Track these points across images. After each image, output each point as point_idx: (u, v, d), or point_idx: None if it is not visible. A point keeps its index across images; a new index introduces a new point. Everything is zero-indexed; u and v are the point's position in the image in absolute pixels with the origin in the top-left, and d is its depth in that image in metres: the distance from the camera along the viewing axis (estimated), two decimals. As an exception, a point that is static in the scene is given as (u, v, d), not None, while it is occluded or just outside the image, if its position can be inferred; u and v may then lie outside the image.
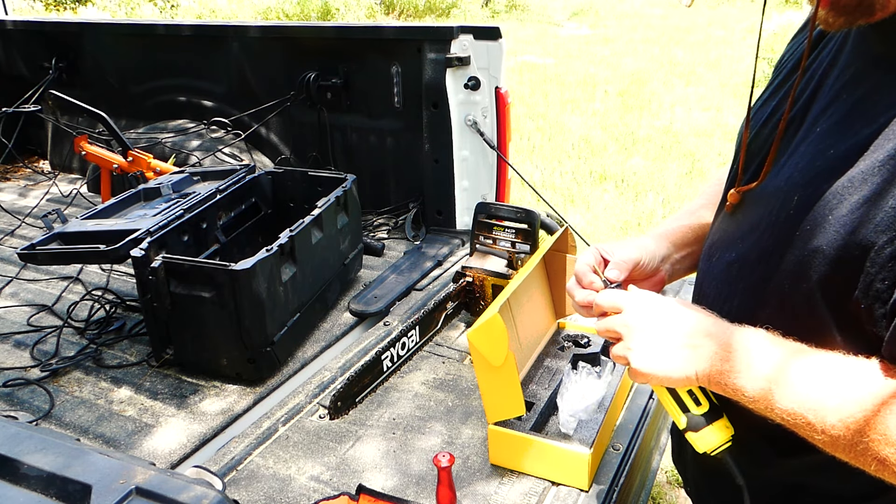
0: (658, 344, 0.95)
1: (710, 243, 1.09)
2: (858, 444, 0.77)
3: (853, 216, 0.77)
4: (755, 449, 1.01)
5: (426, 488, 1.54)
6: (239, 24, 3.65)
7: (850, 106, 0.84)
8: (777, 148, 0.94)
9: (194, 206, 2.24)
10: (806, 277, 0.84)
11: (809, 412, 0.81)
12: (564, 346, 1.90)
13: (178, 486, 0.81)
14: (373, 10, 15.87)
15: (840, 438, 0.78)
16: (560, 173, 6.32)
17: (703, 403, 0.98)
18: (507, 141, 2.89)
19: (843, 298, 0.81)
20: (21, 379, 2.01)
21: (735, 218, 1.01)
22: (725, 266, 1.01)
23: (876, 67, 0.82)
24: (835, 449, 0.80)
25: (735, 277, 0.99)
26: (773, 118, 0.98)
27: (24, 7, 13.51)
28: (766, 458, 1.01)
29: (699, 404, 0.98)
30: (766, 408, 0.86)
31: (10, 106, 3.39)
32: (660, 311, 0.98)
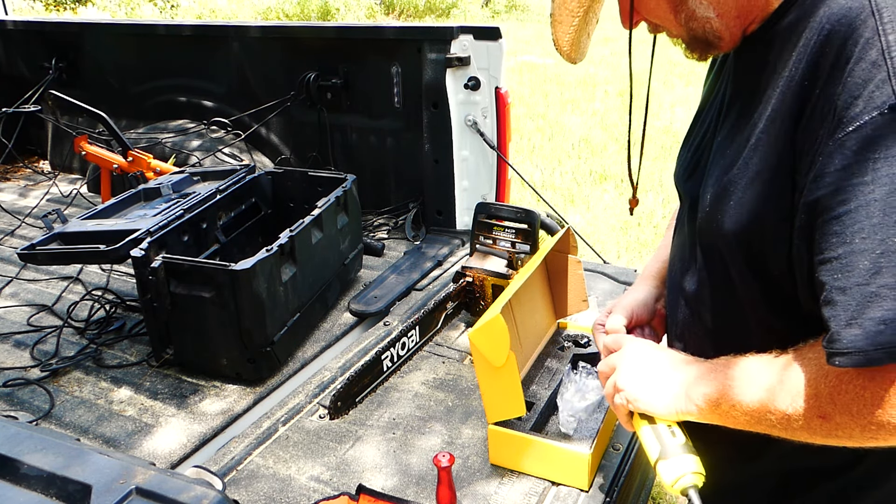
0: (646, 381, 1.09)
1: (669, 261, 1.26)
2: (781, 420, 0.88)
3: (745, 195, 0.92)
4: (742, 445, 1.06)
5: (426, 488, 1.54)
6: (239, 24, 3.65)
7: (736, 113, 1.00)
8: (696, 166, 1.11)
9: (194, 206, 2.24)
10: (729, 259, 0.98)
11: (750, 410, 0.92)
12: (564, 346, 1.90)
13: (178, 486, 0.81)
14: (373, 10, 15.88)
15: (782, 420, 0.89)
16: (560, 173, 6.32)
17: (677, 437, 1.06)
18: (507, 141, 2.89)
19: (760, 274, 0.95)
20: (21, 379, 2.01)
21: (679, 232, 1.19)
22: (675, 276, 1.19)
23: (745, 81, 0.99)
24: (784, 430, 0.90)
25: (678, 283, 1.16)
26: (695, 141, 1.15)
27: (24, 7, 13.51)
28: (754, 451, 1.06)
29: (675, 436, 1.06)
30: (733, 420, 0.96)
31: (10, 106, 3.39)
32: (645, 354, 1.13)
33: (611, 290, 2.41)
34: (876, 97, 0.75)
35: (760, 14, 0.94)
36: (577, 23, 1.05)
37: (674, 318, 1.22)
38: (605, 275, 2.51)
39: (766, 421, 0.90)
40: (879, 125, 0.75)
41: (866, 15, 0.78)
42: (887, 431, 0.79)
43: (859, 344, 0.76)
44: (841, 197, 0.78)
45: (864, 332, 0.76)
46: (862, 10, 0.79)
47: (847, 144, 0.77)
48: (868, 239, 0.76)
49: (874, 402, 0.78)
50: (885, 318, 0.75)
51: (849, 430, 0.82)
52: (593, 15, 1.10)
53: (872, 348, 0.75)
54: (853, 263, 0.77)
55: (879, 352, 0.75)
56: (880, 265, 0.75)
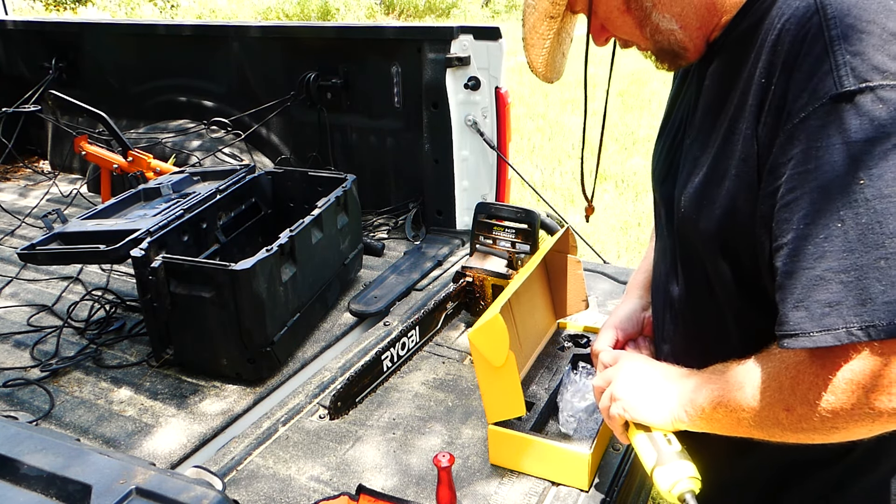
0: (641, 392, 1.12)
1: (653, 267, 1.30)
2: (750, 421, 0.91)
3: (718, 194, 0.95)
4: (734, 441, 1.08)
5: (426, 488, 1.54)
6: (239, 24, 3.65)
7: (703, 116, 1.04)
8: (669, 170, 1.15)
9: (194, 206, 2.24)
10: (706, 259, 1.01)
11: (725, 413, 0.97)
12: (564, 346, 1.90)
13: (178, 487, 0.81)
14: (373, 10, 15.88)
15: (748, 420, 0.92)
16: (560, 173, 6.32)
17: (673, 444, 1.07)
18: (507, 141, 2.89)
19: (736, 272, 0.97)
20: (21, 379, 2.01)
21: (659, 236, 1.24)
22: (659, 280, 1.23)
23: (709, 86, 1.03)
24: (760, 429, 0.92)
25: (662, 287, 1.19)
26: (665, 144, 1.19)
27: (24, 7, 13.51)
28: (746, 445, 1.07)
29: (671, 444, 1.08)
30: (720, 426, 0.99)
31: (10, 106, 3.39)
32: (640, 368, 1.16)
33: (611, 290, 2.41)
34: (819, 89, 0.78)
35: (720, 23, 0.99)
36: (548, 45, 1.10)
37: (660, 322, 1.25)
38: (605, 275, 2.51)
39: (744, 422, 0.93)
40: (822, 115, 0.78)
41: (811, 13, 0.82)
42: (844, 419, 0.80)
43: (805, 326, 0.79)
44: (790, 185, 0.81)
45: (810, 315, 0.78)
46: (808, 9, 0.82)
47: (795, 135, 0.80)
48: (812, 224, 0.78)
49: (828, 388, 0.80)
50: (830, 301, 0.77)
51: (811, 422, 0.83)
52: (566, 35, 1.17)
53: (818, 330, 0.78)
54: (800, 248, 0.80)
55: (825, 334, 0.77)
56: (824, 249, 0.77)
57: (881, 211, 0.74)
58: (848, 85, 0.76)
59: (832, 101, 0.77)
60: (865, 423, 0.80)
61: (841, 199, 0.76)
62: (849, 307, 0.76)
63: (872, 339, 0.75)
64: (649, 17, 1.00)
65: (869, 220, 0.75)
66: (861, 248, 0.75)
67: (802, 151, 0.79)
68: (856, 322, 0.75)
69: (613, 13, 1.04)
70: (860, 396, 0.78)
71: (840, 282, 0.76)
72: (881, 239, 0.74)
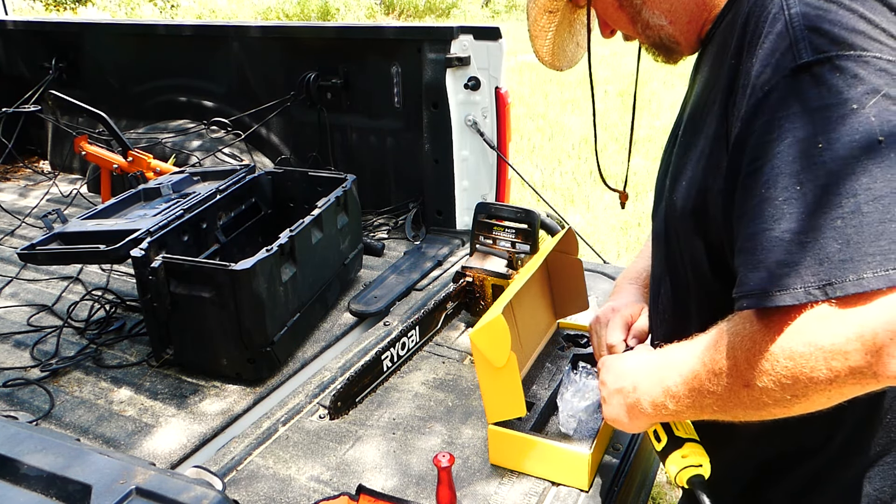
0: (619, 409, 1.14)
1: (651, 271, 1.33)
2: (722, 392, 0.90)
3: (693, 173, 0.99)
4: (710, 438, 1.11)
5: (426, 488, 1.54)
6: (239, 24, 3.65)
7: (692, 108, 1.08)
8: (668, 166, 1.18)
9: (194, 207, 2.24)
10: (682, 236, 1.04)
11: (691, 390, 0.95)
12: (564, 346, 1.90)
13: (178, 487, 0.81)
14: (373, 10, 15.88)
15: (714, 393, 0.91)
16: (560, 173, 6.32)
17: (662, 440, 1.10)
18: (507, 141, 2.89)
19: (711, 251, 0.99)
20: (21, 379, 2.01)
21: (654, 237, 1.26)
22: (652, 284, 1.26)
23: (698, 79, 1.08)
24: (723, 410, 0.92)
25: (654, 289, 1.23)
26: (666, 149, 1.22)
27: (24, 7, 13.51)
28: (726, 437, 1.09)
29: (659, 441, 1.10)
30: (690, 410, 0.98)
31: (10, 106, 3.39)
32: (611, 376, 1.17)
33: (611, 290, 2.40)
34: (781, 63, 0.81)
35: (709, 17, 1.03)
36: (551, 36, 1.17)
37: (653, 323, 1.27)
38: (605, 275, 2.51)
39: (707, 409, 0.93)
40: (783, 87, 0.81)
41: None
42: (803, 385, 0.79)
43: (764, 285, 0.80)
44: (753, 155, 0.83)
45: (769, 275, 0.79)
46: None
47: (759, 108, 0.83)
48: (772, 188, 0.80)
49: (784, 353, 0.80)
50: (788, 262, 0.78)
51: (773, 394, 0.83)
52: (580, 26, 1.23)
53: (776, 289, 0.79)
54: (760, 212, 0.81)
55: (784, 294, 0.78)
56: (783, 211, 0.79)
57: (837, 173, 0.76)
58: (806, 57, 0.79)
59: (792, 73, 0.80)
60: (824, 388, 0.79)
61: (800, 163, 0.78)
62: (807, 267, 0.77)
63: (829, 297, 0.75)
64: (640, 14, 1.06)
65: (826, 182, 0.76)
66: (818, 210, 0.76)
67: (765, 122, 0.82)
68: (813, 281, 0.76)
69: (609, 9, 1.11)
70: (818, 358, 0.77)
71: (798, 242, 0.77)
72: (838, 199, 0.75)
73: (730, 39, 0.95)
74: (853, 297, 0.75)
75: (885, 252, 0.73)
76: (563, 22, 1.19)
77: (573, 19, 1.21)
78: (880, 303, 0.74)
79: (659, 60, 1.14)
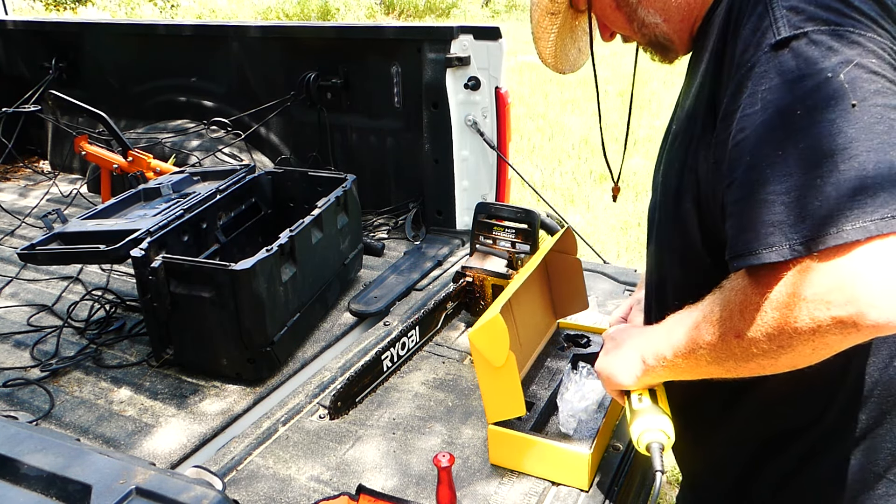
0: (611, 360, 1.21)
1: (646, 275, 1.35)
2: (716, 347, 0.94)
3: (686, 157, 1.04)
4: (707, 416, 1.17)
5: (426, 488, 1.54)
6: (239, 24, 3.65)
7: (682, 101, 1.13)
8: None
9: (194, 206, 2.24)
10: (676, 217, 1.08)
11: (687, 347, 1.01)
12: (564, 346, 1.90)
13: (178, 486, 0.81)
14: (373, 10, 15.88)
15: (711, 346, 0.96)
16: (560, 173, 6.32)
17: (643, 401, 1.16)
18: (507, 141, 2.89)
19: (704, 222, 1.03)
20: (21, 379, 2.01)
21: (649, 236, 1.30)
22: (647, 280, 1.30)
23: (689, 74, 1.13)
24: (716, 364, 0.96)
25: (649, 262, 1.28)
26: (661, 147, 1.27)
27: (24, 7, 13.51)
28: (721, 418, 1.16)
29: (641, 401, 1.16)
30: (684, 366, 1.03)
31: (10, 106, 3.39)
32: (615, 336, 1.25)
33: (611, 290, 2.41)
34: (762, 41, 0.87)
35: (699, 15, 1.08)
36: (553, 38, 1.22)
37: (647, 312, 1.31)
38: (605, 275, 2.51)
39: (701, 360, 0.98)
40: (764, 62, 0.86)
41: None
42: (788, 335, 0.84)
43: (752, 245, 0.85)
44: (739, 126, 0.88)
45: (756, 235, 0.84)
46: None
47: (743, 83, 0.89)
48: (756, 155, 0.86)
49: (773, 306, 0.84)
50: (773, 221, 0.83)
51: (760, 344, 0.87)
52: (582, 31, 1.29)
53: (762, 248, 0.83)
54: (745, 178, 0.87)
55: (770, 252, 0.83)
56: (766, 175, 0.84)
57: (816, 135, 0.81)
58: (785, 33, 0.85)
59: (772, 49, 0.86)
60: (808, 339, 0.83)
61: (781, 130, 0.83)
62: (790, 225, 0.81)
63: (812, 251, 0.80)
64: (636, 13, 1.11)
65: (806, 145, 0.81)
66: (799, 171, 0.81)
67: (749, 95, 0.87)
68: (797, 238, 0.81)
69: (606, 10, 1.16)
70: (801, 308, 0.81)
71: (782, 203, 0.82)
72: (817, 161, 0.80)
73: (714, 31, 1.00)
74: (833, 250, 0.79)
75: (863, 206, 0.77)
76: (564, 26, 1.24)
77: (574, 25, 1.26)
78: (858, 252, 0.77)
79: (656, 60, 1.20)
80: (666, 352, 1.04)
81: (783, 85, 0.84)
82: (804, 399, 1.05)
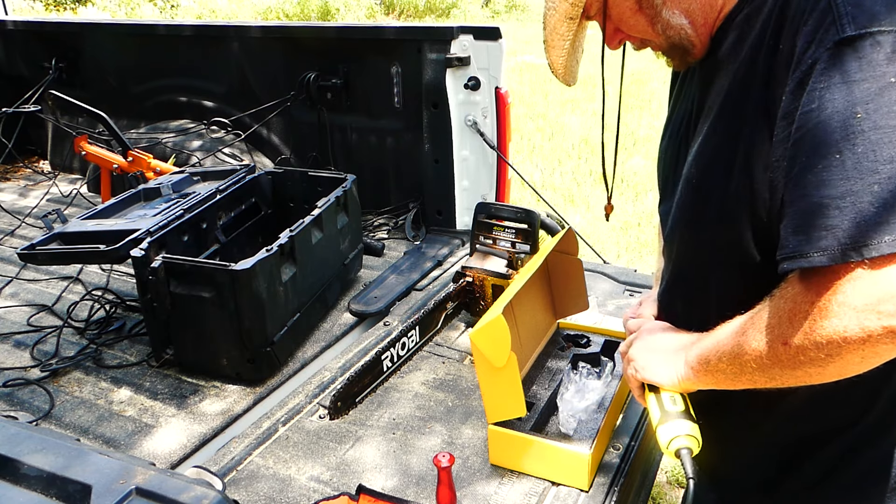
0: (652, 353, 1.19)
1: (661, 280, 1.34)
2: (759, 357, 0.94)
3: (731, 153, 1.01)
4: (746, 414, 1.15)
5: (426, 488, 1.54)
6: (239, 24, 3.65)
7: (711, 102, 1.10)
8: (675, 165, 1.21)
9: (194, 207, 2.24)
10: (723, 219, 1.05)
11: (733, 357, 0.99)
12: (564, 346, 1.90)
13: (178, 487, 0.81)
14: (373, 10, 15.87)
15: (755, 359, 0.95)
16: (560, 173, 6.32)
17: (678, 404, 1.13)
18: (507, 141, 2.89)
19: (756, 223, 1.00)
20: (21, 379, 2.01)
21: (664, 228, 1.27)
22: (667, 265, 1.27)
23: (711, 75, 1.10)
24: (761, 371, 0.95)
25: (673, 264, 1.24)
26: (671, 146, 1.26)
27: (24, 7, 13.51)
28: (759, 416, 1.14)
29: (675, 404, 1.13)
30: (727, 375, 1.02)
31: (10, 106, 3.39)
32: (655, 332, 1.24)
33: (611, 290, 2.41)
34: (825, 38, 0.85)
35: (720, 16, 1.07)
36: (567, 46, 1.17)
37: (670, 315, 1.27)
38: (605, 275, 2.51)
39: (747, 366, 0.96)
40: (826, 59, 0.85)
41: None
42: (837, 344, 0.83)
43: (803, 248, 0.84)
44: (798, 124, 0.87)
45: (808, 238, 0.84)
46: None
47: (803, 81, 0.87)
48: (813, 156, 0.84)
49: (823, 314, 0.84)
50: (827, 225, 0.82)
51: (808, 352, 0.86)
52: (579, 45, 1.24)
53: (814, 250, 0.83)
54: (801, 179, 0.86)
55: (821, 255, 0.82)
56: (823, 178, 0.83)
57: (875, 141, 0.80)
58: (849, 31, 0.83)
59: (835, 46, 0.84)
60: (857, 348, 0.82)
61: (840, 132, 0.82)
62: (844, 230, 0.80)
63: (864, 257, 0.79)
64: (660, 14, 1.07)
65: (864, 149, 0.80)
66: (856, 175, 0.80)
67: (808, 93, 0.86)
68: (849, 242, 0.80)
69: (626, 13, 1.10)
70: (852, 317, 0.81)
71: (836, 207, 0.81)
72: (875, 166, 0.79)
73: (754, 28, 0.99)
74: (887, 258, 0.78)
75: None
76: (577, 34, 1.19)
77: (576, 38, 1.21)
78: None
79: (672, 65, 1.17)
80: (711, 356, 1.03)
81: (844, 86, 0.82)
82: (848, 400, 1.03)
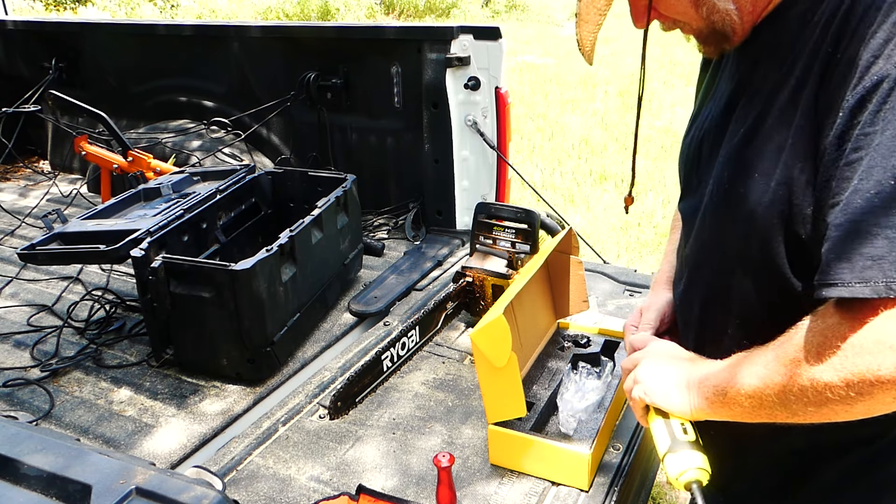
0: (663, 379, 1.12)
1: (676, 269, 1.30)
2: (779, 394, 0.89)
3: (771, 163, 0.95)
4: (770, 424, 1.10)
5: (426, 488, 1.54)
6: (239, 24, 3.65)
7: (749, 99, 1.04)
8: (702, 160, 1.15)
9: (194, 207, 2.24)
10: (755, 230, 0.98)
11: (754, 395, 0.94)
12: (564, 346, 1.90)
13: (178, 487, 0.81)
14: (373, 10, 15.87)
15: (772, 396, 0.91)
16: (560, 173, 6.32)
17: (688, 433, 1.08)
18: (507, 141, 2.89)
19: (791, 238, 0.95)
20: (21, 379, 2.01)
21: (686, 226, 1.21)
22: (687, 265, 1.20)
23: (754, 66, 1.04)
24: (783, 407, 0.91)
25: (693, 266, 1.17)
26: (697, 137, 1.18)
27: (24, 7, 13.50)
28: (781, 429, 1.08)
29: (686, 433, 1.08)
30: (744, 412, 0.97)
31: (10, 106, 3.39)
32: (667, 355, 1.17)
33: (611, 290, 2.41)
34: (894, 54, 0.79)
35: (770, 6, 1.00)
36: (602, 21, 1.08)
37: (687, 319, 1.23)
38: (605, 275, 2.51)
39: (767, 400, 0.91)
40: (894, 79, 0.79)
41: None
42: (869, 384, 0.78)
43: (845, 276, 0.79)
44: (855, 145, 0.82)
45: (851, 266, 0.78)
46: None
47: (867, 98, 0.81)
48: (866, 180, 0.79)
49: (855, 350, 0.79)
50: (873, 255, 0.77)
51: (837, 390, 0.82)
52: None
53: (858, 281, 0.78)
54: (851, 202, 0.80)
55: (863, 286, 0.77)
56: (874, 204, 0.78)
57: None
58: None
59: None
60: (890, 388, 0.77)
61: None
62: (891, 262, 0.76)
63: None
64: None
65: None
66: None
67: (871, 113, 0.80)
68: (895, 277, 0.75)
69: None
70: (888, 356, 0.76)
71: (885, 237, 0.76)
72: None
73: (805, 28, 0.93)
74: None
75: None
76: None
77: None
78: None
79: (705, 52, 1.10)
80: (728, 388, 0.97)
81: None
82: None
